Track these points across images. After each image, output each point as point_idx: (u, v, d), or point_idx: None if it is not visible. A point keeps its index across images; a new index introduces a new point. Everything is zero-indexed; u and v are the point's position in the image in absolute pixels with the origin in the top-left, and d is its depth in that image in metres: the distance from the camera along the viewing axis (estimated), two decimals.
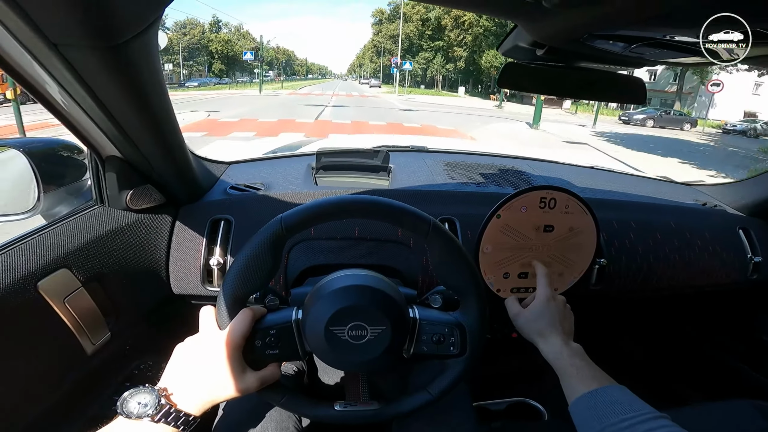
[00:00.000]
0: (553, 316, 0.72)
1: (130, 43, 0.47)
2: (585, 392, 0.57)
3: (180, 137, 0.73)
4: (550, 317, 0.72)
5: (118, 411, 0.48)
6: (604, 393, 0.56)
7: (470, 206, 0.96)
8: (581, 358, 0.65)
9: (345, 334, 0.55)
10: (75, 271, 0.66)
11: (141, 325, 0.87)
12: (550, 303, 0.74)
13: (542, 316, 0.72)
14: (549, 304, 0.74)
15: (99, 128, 0.64)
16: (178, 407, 0.49)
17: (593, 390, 0.57)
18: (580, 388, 0.58)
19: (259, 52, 38.10)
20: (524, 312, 0.75)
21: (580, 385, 0.59)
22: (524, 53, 0.78)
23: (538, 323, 0.72)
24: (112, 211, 0.76)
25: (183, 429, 0.49)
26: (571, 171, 1.36)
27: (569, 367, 0.62)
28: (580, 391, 0.57)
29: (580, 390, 0.58)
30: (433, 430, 0.72)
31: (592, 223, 0.87)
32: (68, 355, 0.67)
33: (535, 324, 0.72)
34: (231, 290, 0.54)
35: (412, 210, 0.56)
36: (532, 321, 0.73)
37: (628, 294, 1.05)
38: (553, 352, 0.66)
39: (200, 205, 0.90)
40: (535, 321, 0.72)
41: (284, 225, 0.54)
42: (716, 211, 1.21)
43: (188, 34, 63.95)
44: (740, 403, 0.89)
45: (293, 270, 0.87)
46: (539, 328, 0.71)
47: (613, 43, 0.70)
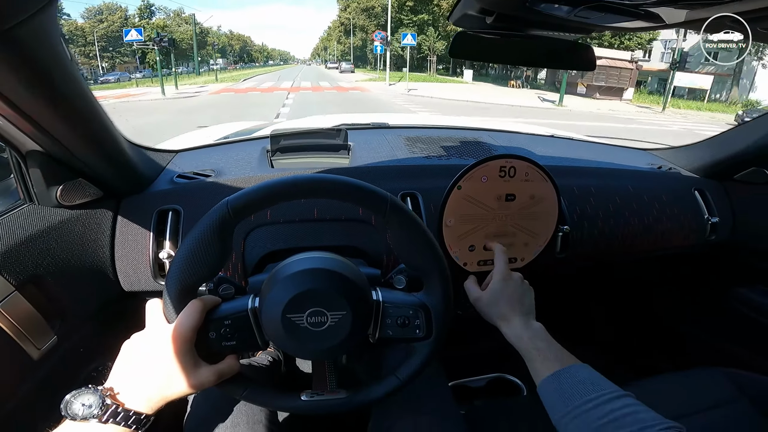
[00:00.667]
0: (511, 296, 0.71)
1: (19, 28, 0.41)
2: (548, 374, 0.57)
3: (107, 125, 0.67)
4: (508, 298, 0.70)
5: (63, 413, 0.46)
6: (567, 374, 0.56)
7: (432, 180, 0.94)
8: (542, 338, 0.64)
9: (304, 321, 0.52)
10: (6, 274, 0.61)
11: (91, 326, 0.82)
12: (507, 282, 0.72)
13: (500, 298, 0.70)
14: (506, 283, 0.72)
15: (10, 123, 0.57)
16: (126, 406, 0.47)
17: (556, 372, 0.57)
18: (544, 371, 0.58)
19: (151, 31, 29.56)
20: (483, 295, 0.73)
21: (543, 367, 0.59)
22: (474, 21, 0.77)
23: (498, 306, 0.70)
24: (43, 209, 0.70)
25: (135, 428, 0.47)
26: (531, 140, 1.36)
27: (532, 350, 0.62)
28: (544, 374, 0.57)
29: (543, 372, 0.58)
30: (413, 413, 0.71)
31: (553, 190, 0.87)
32: (13, 363, 0.63)
33: (495, 307, 0.70)
34: (177, 281, 0.51)
35: (369, 187, 0.53)
36: (492, 305, 0.71)
37: (592, 260, 1.07)
38: (515, 335, 0.65)
39: (144, 196, 0.85)
40: (494, 304, 0.70)
41: (230, 209, 0.50)
42: (671, 174, 1.24)
43: (105, 20, 56.20)
44: (709, 371, 0.92)
45: (251, 257, 0.83)
46: (499, 311, 0.69)
47: (558, 7, 0.70)
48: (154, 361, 0.49)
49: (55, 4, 0.43)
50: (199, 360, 0.51)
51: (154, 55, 60.63)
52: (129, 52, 55.57)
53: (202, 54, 72.27)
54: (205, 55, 76.38)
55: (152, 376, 0.49)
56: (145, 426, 0.47)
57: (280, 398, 0.59)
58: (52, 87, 0.52)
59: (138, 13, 61.36)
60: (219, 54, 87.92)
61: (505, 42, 0.81)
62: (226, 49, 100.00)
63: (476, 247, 0.88)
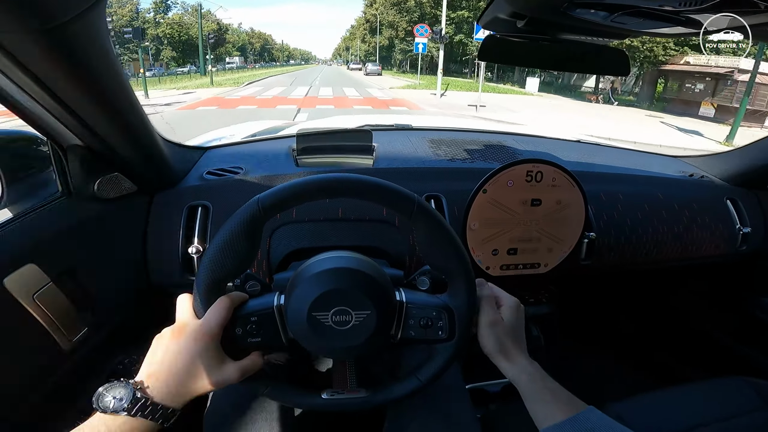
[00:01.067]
0: (521, 328, 0.63)
1: (69, 25, 0.43)
2: (563, 419, 0.52)
3: (145, 121, 0.69)
4: (519, 330, 0.62)
5: (94, 406, 0.47)
6: (583, 420, 0.52)
7: (456, 182, 0.94)
8: (550, 378, 0.59)
9: (328, 320, 0.52)
10: (43, 265, 0.63)
11: (120, 318, 0.84)
12: (520, 312, 0.63)
13: (516, 329, 0.61)
14: (519, 313, 0.63)
15: (54, 117, 0.60)
16: (155, 400, 0.47)
17: (571, 417, 0.52)
18: (558, 415, 0.53)
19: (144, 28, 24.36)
20: (501, 322, 0.61)
21: (558, 411, 0.54)
22: (505, 25, 0.76)
23: (509, 337, 0.60)
24: (80, 202, 0.73)
25: (162, 422, 0.47)
26: (557, 145, 1.34)
27: (543, 390, 0.56)
28: (558, 418, 0.53)
29: (557, 416, 0.53)
30: (428, 415, 0.70)
31: (580, 196, 0.86)
32: (45, 353, 0.64)
33: (506, 338, 0.60)
34: (206, 277, 0.52)
35: (396, 188, 0.53)
36: (505, 334, 0.60)
37: (618, 268, 1.05)
38: (526, 372, 0.58)
39: (175, 191, 0.87)
40: (507, 334, 0.60)
41: (261, 206, 0.51)
42: (703, 182, 1.20)
43: (114, 14, 49.74)
44: (733, 381, 0.89)
45: (276, 255, 0.84)
46: (509, 343, 0.60)
47: (594, 12, 0.68)
48: (183, 356, 0.50)
49: (105, 0, 0.45)
50: (224, 356, 0.52)
51: (168, 52, 56.94)
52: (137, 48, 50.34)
53: (220, 52, 70.72)
54: (224, 53, 74.59)
55: (180, 370, 0.49)
56: (170, 420, 0.48)
57: (302, 396, 0.60)
58: (98, 82, 0.54)
59: (153, 7, 58.06)
60: (239, 52, 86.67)
61: (535, 46, 0.80)
62: (246, 47, 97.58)
63: (500, 251, 0.87)
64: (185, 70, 49.52)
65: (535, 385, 0.57)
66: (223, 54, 74.87)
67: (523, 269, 0.91)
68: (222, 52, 73.95)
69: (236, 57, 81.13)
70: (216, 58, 68.64)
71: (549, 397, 0.55)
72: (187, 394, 0.50)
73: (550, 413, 0.54)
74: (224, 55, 75.03)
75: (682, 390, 0.90)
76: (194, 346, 0.50)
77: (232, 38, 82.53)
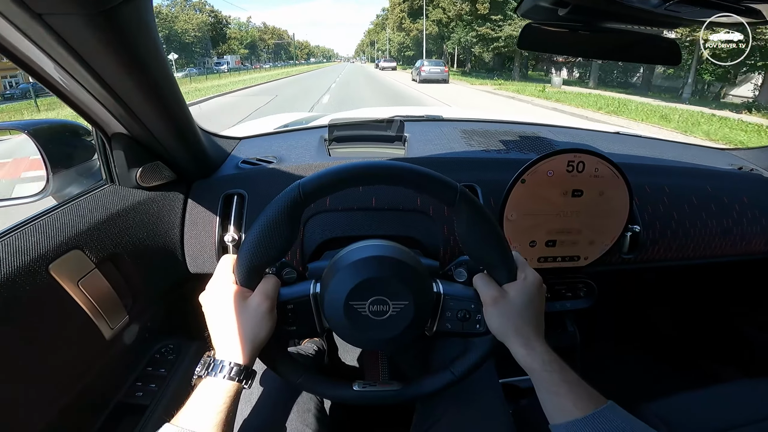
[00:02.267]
0: (540, 309, 0.56)
1: (121, 8, 0.43)
2: (581, 416, 0.48)
3: (186, 111, 0.70)
4: (536, 311, 0.55)
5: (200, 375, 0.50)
6: (603, 418, 0.48)
7: (492, 172, 0.91)
8: (570, 371, 0.53)
9: (366, 310, 0.52)
10: (87, 251, 0.64)
11: (159, 306, 0.86)
12: (541, 290, 0.57)
13: (528, 308, 0.55)
14: (540, 291, 0.57)
15: (101, 104, 0.61)
16: (228, 361, 0.50)
17: (590, 414, 0.48)
18: (575, 411, 0.49)
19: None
20: (508, 298, 0.55)
21: (575, 407, 0.49)
22: (546, 13, 0.72)
23: (520, 317, 0.54)
24: (123, 190, 0.74)
25: (241, 381, 0.50)
26: (595, 136, 1.29)
27: (562, 383, 0.51)
28: (574, 414, 0.48)
29: (573, 412, 0.49)
30: (460, 409, 0.69)
31: (625, 188, 0.82)
32: (87, 340, 0.65)
33: (516, 318, 0.54)
34: (248, 262, 0.51)
35: (438, 176, 0.52)
36: (514, 314, 0.54)
37: (663, 263, 1.00)
38: (541, 362, 0.53)
39: (212, 180, 0.88)
40: (516, 314, 0.54)
41: (302, 191, 0.50)
42: (753, 175, 1.14)
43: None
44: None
45: (310, 244, 0.84)
46: (521, 324, 0.54)
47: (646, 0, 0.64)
48: (241, 315, 0.51)
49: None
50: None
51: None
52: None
53: (222, 49, 64.24)
54: (227, 50, 67.51)
55: (242, 329, 0.51)
56: (242, 376, 0.50)
57: (334, 387, 0.60)
58: (146, 70, 0.54)
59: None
60: (246, 50, 78.54)
61: (576, 34, 0.77)
62: (258, 44, 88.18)
63: (538, 243, 0.84)
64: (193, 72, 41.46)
65: (550, 375, 0.52)
66: (226, 51, 68.11)
67: (562, 262, 0.88)
68: (224, 50, 67.21)
69: (228, 56, 68.61)
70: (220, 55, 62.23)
71: (564, 390, 0.50)
72: (253, 349, 0.51)
73: (565, 408, 0.49)
74: (227, 53, 67.86)
75: (723, 389, 0.87)
76: (250, 303, 0.52)
77: (237, 34, 75.73)
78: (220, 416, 0.46)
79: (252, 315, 0.51)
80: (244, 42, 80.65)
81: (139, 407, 0.77)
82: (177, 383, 0.82)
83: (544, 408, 0.52)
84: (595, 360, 1.28)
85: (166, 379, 0.82)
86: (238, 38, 74.75)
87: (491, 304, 0.55)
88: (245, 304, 0.51)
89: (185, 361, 0.87)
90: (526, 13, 0.77)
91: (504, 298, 0.54)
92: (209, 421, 0.45)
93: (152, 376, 0.82)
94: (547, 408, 0.52)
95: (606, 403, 0.49)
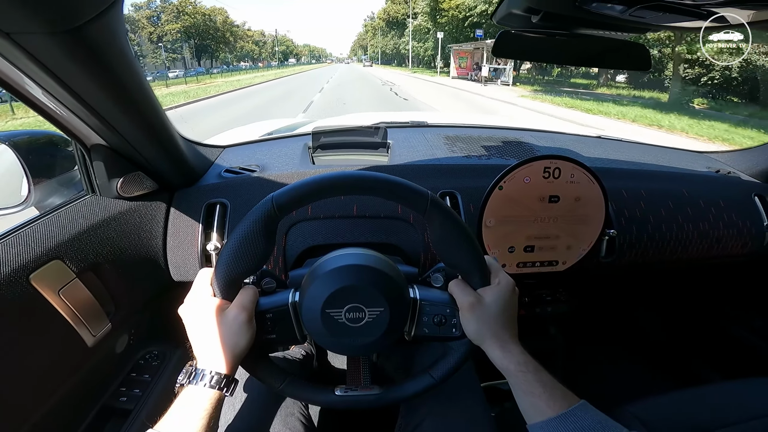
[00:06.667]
0: (514, 313, 0.58)
1: (89, 25, 0.43)
2: (553, 416, 0.49)
3: (165, 121, 0.70)
4: (510, 314, 0.57)
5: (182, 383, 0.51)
6: (574, 417, 0.49)
7: (472, 179, 0.93)
8: (545, 371, 0.54)
9: (342, 317, 0.53)
10: (68, 262, 0.65)
11: (142, 314, 0.86)
12: (514, 294, 0.58)
13: (504, 312, 0.56)
14: (514, 295, 0.58)
15: (77, 117, 0.61)
16: (209, 370, 0.51)
17: (562, 414, 0.49)
18: (547, 411, 0.50)
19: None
20: (484, 303, 0.56)
21: (548, 407, 0.50)
22: (519, 20, 0.75)
23: (496, 322, 0.55)
24: (104, 200, 0.75)
25: (222, 389, 0.51)
26: (576, 141, 1.31)
27: (537, 383, 0.52)
28: (548, 414, 0.50)
29: (547, 412, 0.50)
30: (442, 412, 0.70)
31: (600, 193, 0.84)
32: (69, 347, 0.66)
33: (492, 323, 0.55)
34: (224, 274, 0.52)
35: (409, 184, 0.53)
36: (490, 318, 0.55)
37: (641, 266, 1.02)
38: (516, 363, 0.54)
39: (195, 189, 0.88)
40: (492, 318, 0.55)
41: (275, 204, 0.51)
42: (730, 178, 1.16)
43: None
44: (757, 381, 0.87)
45: (292, 252, 0.85)
46: (497, 328, 0.55)
47: (610, 6, 0.66)
48: (220, 326, 0.52)
49: (121, 2, 0.46)
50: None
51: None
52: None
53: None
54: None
55: (221, 339, 0.52)
56: (222, 384, 0.51)
57: (316, 392, 0.60)
58: (118, 82, 0.55)
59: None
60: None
61: (550, 41, 0.79)
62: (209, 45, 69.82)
63: (516, 248, 0.86)
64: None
65: (525, 376, 0.53)
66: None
67: (541, 267, 0.90)
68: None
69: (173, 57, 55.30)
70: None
71: (539, 391, 0.51)
72: (234, 357, 0.52)
73: (539, 408, 0.51)
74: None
75: (703, 391, 0.88)
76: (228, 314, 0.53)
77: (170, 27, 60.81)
78: (201, 422, 0.47)
79: (230, 326, 0.52)
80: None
81: (123, 411, 0.78)
82: (161, 389, 0.83)
83: (521, 408, 0.53)
84: (577, 362, 1.29)
85: (150, 384, 0.83)
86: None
87: (467, 309, 0.55)
88: (223, 316, 0.52)
89: (169, 367, 0.88)
90: (502, 21, 0.79)
91: (479, 303, 0.55)
92: (191, 428, 0.46)
93: (137, 382, 0.83)
94: (523, 408, 0.53)
95: (578, 402, 0.50)
